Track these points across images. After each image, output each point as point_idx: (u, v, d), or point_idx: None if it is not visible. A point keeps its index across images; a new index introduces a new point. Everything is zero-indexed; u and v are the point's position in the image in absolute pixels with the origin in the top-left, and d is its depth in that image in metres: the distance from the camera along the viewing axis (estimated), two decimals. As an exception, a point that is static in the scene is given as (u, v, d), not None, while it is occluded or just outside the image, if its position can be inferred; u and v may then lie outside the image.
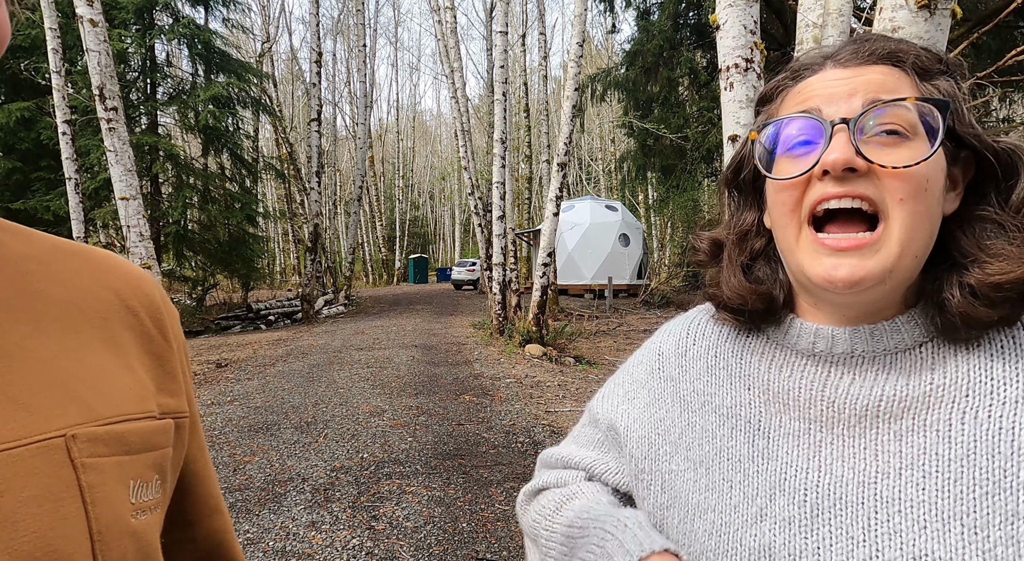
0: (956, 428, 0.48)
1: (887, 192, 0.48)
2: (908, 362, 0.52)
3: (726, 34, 2.69)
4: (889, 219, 0.49)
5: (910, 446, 0.49)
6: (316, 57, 15.85)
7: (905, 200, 0.48)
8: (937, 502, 0.46)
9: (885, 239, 0.49)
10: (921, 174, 0.48)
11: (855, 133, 0.49)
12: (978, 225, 0.51)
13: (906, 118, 0.49)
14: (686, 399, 0.64)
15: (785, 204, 0.54)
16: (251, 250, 15.77)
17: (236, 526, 3.20)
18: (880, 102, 0.49)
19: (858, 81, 0.51)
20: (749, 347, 0.62)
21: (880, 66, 0.51)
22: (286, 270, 36.61)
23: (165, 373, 0.50)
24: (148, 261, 8.09)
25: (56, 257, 0.47)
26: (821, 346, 0.56)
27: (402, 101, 58.49)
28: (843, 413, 0.53)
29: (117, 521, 0.41)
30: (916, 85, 0.51)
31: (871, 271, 0.49)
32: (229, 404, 5.95)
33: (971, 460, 0.46)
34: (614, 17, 15.43)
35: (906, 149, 0.48)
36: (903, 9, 1.68)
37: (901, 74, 0.51)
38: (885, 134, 0.49)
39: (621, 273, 19.25)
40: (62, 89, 9.35)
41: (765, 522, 0.52)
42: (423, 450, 4.43)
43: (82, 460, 0.40)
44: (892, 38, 0.53)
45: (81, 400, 0.42)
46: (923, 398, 0.50)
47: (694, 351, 0.66)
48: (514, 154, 24.34)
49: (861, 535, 0.48)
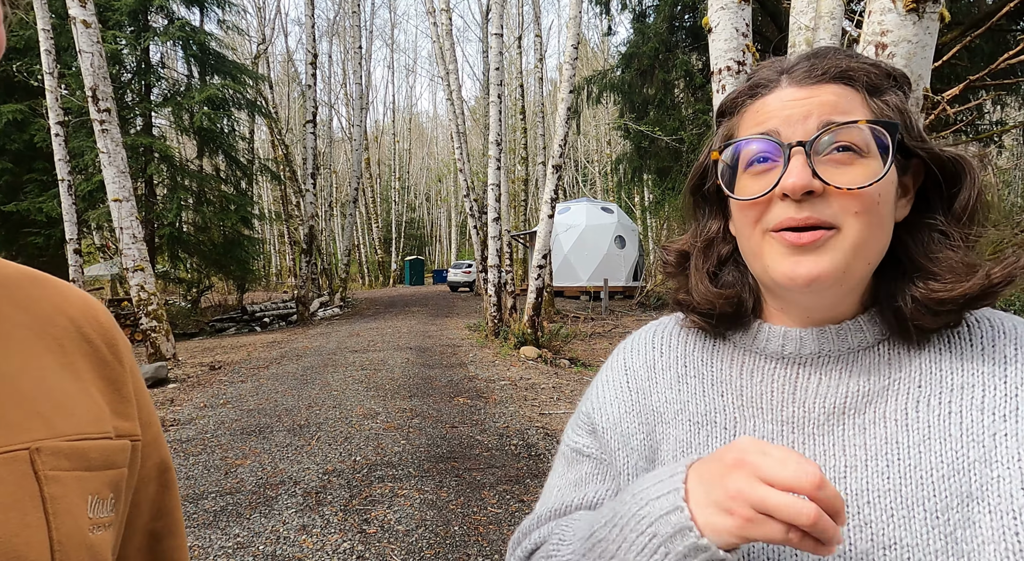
0: (912, 416, 0.52)
1: (841, 207, 0.51)
2: (869, 359, 0.56)
3: (718, 37, 2.69)
4: (843, 228, 0.51)
5: (873, 437, 0.52)
6: (312, 59, 15.83)
7: (859, 214, 0.51)
8: (901, 489, 0.49)
9: (838, 243, 0.52)
10: (873, 191, 0.51)
11: (811, 155, 0.52)
12: (925, 233, 0.55)
13: (859, 137, 0.51)
14: (659, 411, 0.64)
15: (749, 218, 0.56)
16: (246, 252, 15.72)
17: (226, 530, 3.18)
18: (834, 125, 0.51)
19: (812, 102, 0.53)
20: (718, 354, 0.64)
21: (833, 85, 0.54)
22: (281, 272, 36.55)
23: (120, 397, 0.51)
24: (141, 263, 8.06)
25: (18, 283, 0.48)
26: (790, 348, 0.58)
27: (398, 103, 58.52)
28: (812, 413, 0.55)
29: (76, 532, 0.42)
30: (867, 102, 0.53)
31: (826, 268, 0.51)
32: (222, 406, 5.92)
33: (927, 445, 0.50)
34: (610, 19, 15.45)
35: (860, 167, 0.51)
36: (891, 12, 1.68)
37: (853, 93, 0.54)
38: (839, 151, 0.51)
39: (617, 275, 19.26)
40: (55, 90, 9.32)
41: None
42: (416, 453, 4.42)
43: (45, 472, 0.41)
44: (845, 53, 0.56)
45: (44, 416, 0.43)
46: (882, 392, 0.54)
47: (662, 362, 0.67)
48: (510, 156, 24.35)
49: None
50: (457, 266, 27.08)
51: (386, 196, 41.29)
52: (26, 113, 12.23)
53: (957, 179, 0.54)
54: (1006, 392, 0.49)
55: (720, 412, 0.60)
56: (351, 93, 24.62)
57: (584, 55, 29.92)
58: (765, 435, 0.57)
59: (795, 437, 0.55)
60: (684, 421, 0.62)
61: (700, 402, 0.62)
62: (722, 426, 0.59)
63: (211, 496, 3.65)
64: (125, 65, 13.56)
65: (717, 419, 0.60)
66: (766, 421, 0.57)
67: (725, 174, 0.58)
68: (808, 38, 3.03)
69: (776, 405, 0.57)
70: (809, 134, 0.52)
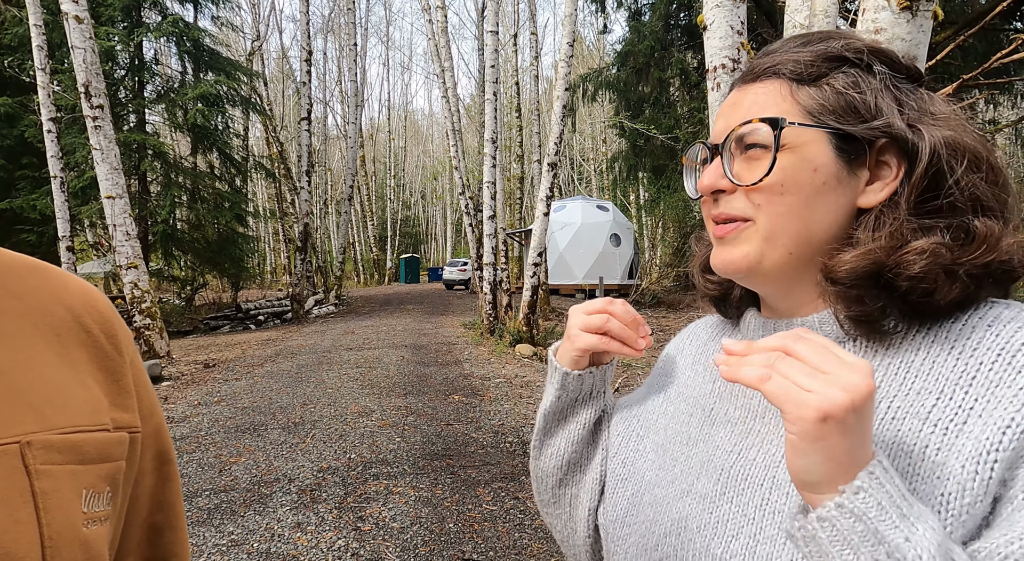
0: None
1: (749, 201, 0.55)
2: None
3: (713, 35, 2.70)
4: (756, 220, 0.55)
5: None
6: (306, 56, 15.77)
7: (762, 206, 0.54)
8: None
9: (750, 234, 0.55)
10: (773, 183, 0.53)
11: (727, 155, 0.57)
12: (875, 213, 0.53)
13: (760, 135, 0.54)
14: (668, 390, 0.72)
15: (705, 213, 0.62)
16: (240, 250, 15.68)
17: (220, 527, 3.17)
18: (736, 126, 0.55)
19: (740, 105, 0.57)
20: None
21: (759, 84, 0.57)
22: (276, 270, 36.44)
23: (119, 389, 0.50)
24: (135, 260, 8.02)
25: (13, 273, 0.47)
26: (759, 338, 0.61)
27: (393, 100, 58.39)
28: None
29: (69, 528, 0.41)
30: (792, 93, 0.54)
31: (736, 258, 0.56)
32: (216, 404, 5.90)
33: None
34: (605, 17, 15.46)
35: (764, 161, 0.54)
36: (885, 10, 1.69)
37: (778, 86, 0.55)
38: (750, 148, 0.55)
39: (612, 273, 19.28)
40: (47, 86, 9.25)
41: (688, 497, 0.58)
42: (411, 450, 4.42)
43: (36, 466, 0.40)
44: (793, 42, 0.57)
45: (36, 409, 0.42)
46: None
47: (687, 350, 0.75)
48: (505, 154, 24.32)
49: (753, 513, 0.52)
50: (452, 264, 27.05)
51: (381, 194, 41.19)
52: (18, 109, 12.15)
53: (915, 155, 0.51)
54: (960, 404, 0.46)
55: (706, 396, 0.65)
56: (346, 90, 24.55)
57: (580, 53, 29.90)
58: (731, 420, 0.60)
59: (754, 425, 0.58)
60: (681, 400, 0.68)
61: (695, 386, 0.68)
62: (702, 407, 0.64)
63: (205, 494, 3.64)
64: (118, 61, 13.48)
65: (702, 402, 0.65)
66: (737, 408, 0.61)
67: (692, 173, 0.65)
68: (803, 36, 3.04)
69: (748, 393, 0.61)
70: (720, 138, 0.57)
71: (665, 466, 0.63)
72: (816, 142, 0.53)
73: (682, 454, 0.62)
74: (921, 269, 0.48)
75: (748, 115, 0.55)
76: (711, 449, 0.60)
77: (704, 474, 0.58)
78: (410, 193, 49.55)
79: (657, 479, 0.63)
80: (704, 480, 0.58)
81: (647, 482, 0.64)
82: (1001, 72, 8.32)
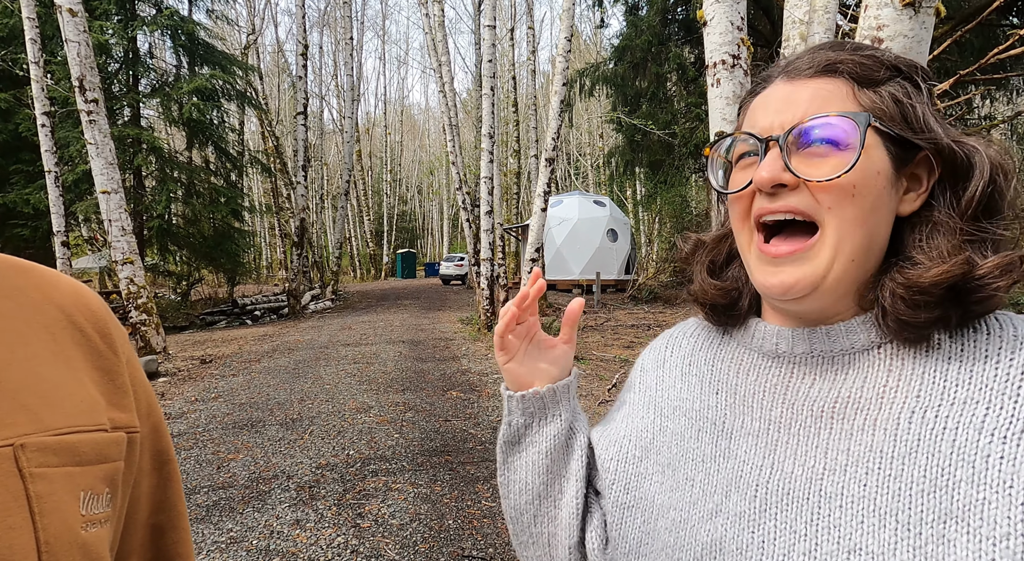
0: (903, 427, 0.49)
1: (819, 202, 0.52)
2: (865, 363, 0.54)
3: (713, 30, 2.69)
4: (824, 226, 0.52)
5: (858, 444, 0.51)
6: (302, 50, 15.68)
7: (833, 208, 0.51)
8: (876, 498, 0.48)
9: (820, 246, 0.52)
10: (846, 183, 0.51)
11: (785, 149, 0.53)
12: (925, 226, 0.53)
13: (834, 130, 0.51)
14: (659, 406, 0.67)
15: (737, 213, 0.58)
16: (236, 245, 15.61)
17: (219, 525, 3.17)
18: (805, 119, 0.52)
19: (796, 97, 0.54)
20: (721, 353, 0.66)
21: (819, 80, 0.54)
22: (272, 265, 36.32)
23: (115, 388, 0.49)
24: (130, 256, 7.98)
25: (2, 273, 0.47)
26: (784, 347, 0.58)
27: (390, 95, 58.13)
28: (800, 415, 0.55)
29: (66, 532, 0.40)
30: (854, 94, 0.53)
31: (801, 278, 0.53)
32: (213, 401, 5.89)
33: (912, 459, 0.48)
34: (603, 12, 15.39)
35: (836, 159, 0.51)
36: (888, 7, 1.68)
37: (840, 85, 0.54)
38: (819, 144, 0.52)
39: (609, 268, 19.29)
40: (41, 80, 9.17)
41: (719, 517, 0.55)
42: (409, 447, 4.42)
43: (31, 470, 0.39)
44: (845, 45, 0.55)
45: (31, 410, 0.41)
46: (876, 399, 0.52)
47: (671, 362, 0.70)
48: (502, 149, 24.27)
49: (803, 529, 0.50)
50: (449, 259, 27.03)
51: (378, 189, 41.08)
52: (11, 103, 12.04)
53: (965, 171, 0.52)
54: (1013, 412, 0.46)
55: (713, 408, 0.62)
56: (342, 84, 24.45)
57: (577, 48, 29.81)
58: (752, 432, 0.58)
59: (780, 436, 0.55)
60: (680, 416, 0.64)
61: (696, 399, 0.64)
62: (711, 421, 0.61)
63: (203, 491, 3.63)
64: (112, 55, 13.37)
65: (708, 415, 0.62)
66: (755, 419, 0.58)
67: (719, 169, 0.60)
68: (802, 32, 3.03)
69: (767, 404, 0.58)
70: (784, 128, 0.53)
71: (678, 487, 0.60)
72: (878, 147, 0.52)
73: (699, 473, 0.59)
74: (1004, 283, 0.49)
75: (813, 109, 0.53)
76: (738, 465, 0.57)
77: (735, 491, 0.55)
78: (407, 188, 49.43)
79: (671, 502, 0.60)
80: (736, 498, 0.55)
81: (659, 506, 0.61)
82: (997, 68, 8.33)
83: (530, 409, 0.68)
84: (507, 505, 0.72)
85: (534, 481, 0.68)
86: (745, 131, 0.56)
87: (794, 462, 0.53)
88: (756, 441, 0.57)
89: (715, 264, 0.67)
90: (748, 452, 0.57)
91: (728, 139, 0.59)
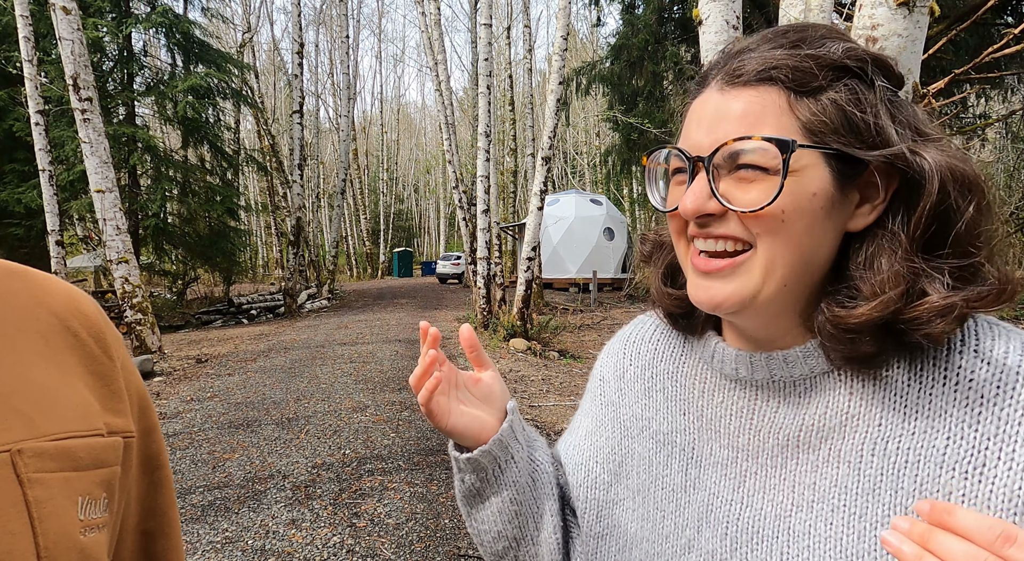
0: (866, 460, 0.48)
1: (748, 228, 0.49)
2: (826, 386, 0.52)
3: (708, 29, 2.68)
4: (756, 246, 0.49)
5: (823, 478, 0.50)
6: (298, 48, 15.63)
7: (762, 234, 0.48)
8: (843, 538, 0.48)
9: (751, 264, 0.49)
10: (774, 210, 0.47)
11: (712, 172, 0.49)
12: (870, 245, 0.49)
13: (758, 154, 0.47)
14: (625, 424, 0.65)
15: (674, 228, 0.55)
16: (232, 244, 15.58)
17: (215, 525, 3.16)
18: (730, 140, 0.48)
19: (725, 111, 0.49)
20: (683, 368, 0.63)
21: (751, 89, 0.49)
22: (268, 264, 36.27)
23: (110, 392, 0.49)
24: (125, 255, 7.95)
25: None
26: (743, 372, 0.56)
27: (386, 93, 58.02)
28: (767, 443, 0.54)
29: (65, 537, 0.40)
30: (790, 106, 0.48)
31: (730, 295, 0.50)
32: (209, 400, 5.87)
33: (876, 496, 0.47)
34: (599, 10, 15.38)
35: (764, 183, 0.47)
36: (882, 6, 1.68)
37: (774, 95, 0.48)
38: (748, 168, 0.48)
39: (606, 267, 19.32)
40: (35, 79, 9.12)
41: (692, 553, 0.54)
42: (406, 446, 4.41)
43: (28, 475, 0.39)
44: (785, 42, 0.50)
45: (26, 416, 0.41)
46: (839, 427, 0.50)
47: (631, 372, 0.67)
48: (499, 147, 24.25)
49: None
50: (446, 258, 27.00)
51: (374, 187, 41.03)
52: (5, 101, 11.98)
53: (918, 184, 0.47)
54: (974, 444, 0.44)
55: (681, 432, 0.60)
56: (338, 83, 24.38)
57: (573, 46, 29.82)
58: (720, 461, 0.56)
59: (748, 466, 0.54)
60: (647, 438, 0.62)
61: (664, 421, 0.62)
62: (680, 447, 0.59)
63: (199, 491, 3.62)
64: (107, 53, 13.31)
65: (677, 439, 0.60)
66: (723, 446, 0.56)
67: (659, 180, 0.57)
68: (798, 31, 3.03)
69: (733, 431, 0.56)
70: (709, 149, 0.49)
71: (650, 517, 0.59)
72: (816, 165, 0.47)
73: (670, 503, 0.58)
74: (939, 328, 0.45)
75: (742, 128, 0.48)
76: (707, 498, 0.56)
77: (706, 527, 0.55)
78: (403, 186, 49.38)
79: (644, 533, 0.59)
80: (707, 534, 0.55)
81: (632, 536, 0.60)
82: (992, 66, 8.35)
83: (481, 464, 0.62)
84: (484, 552, 0.68)
85: (506, 528, 0.64)
86: (677, 146, 0.52)
87: (763, 497, 0.53)
88: (726, 471, 0.56)
89: (672, 269, 0.63)
90: (718, 484, 0.56)
91: (664, 150, 0.54)
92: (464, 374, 0.66)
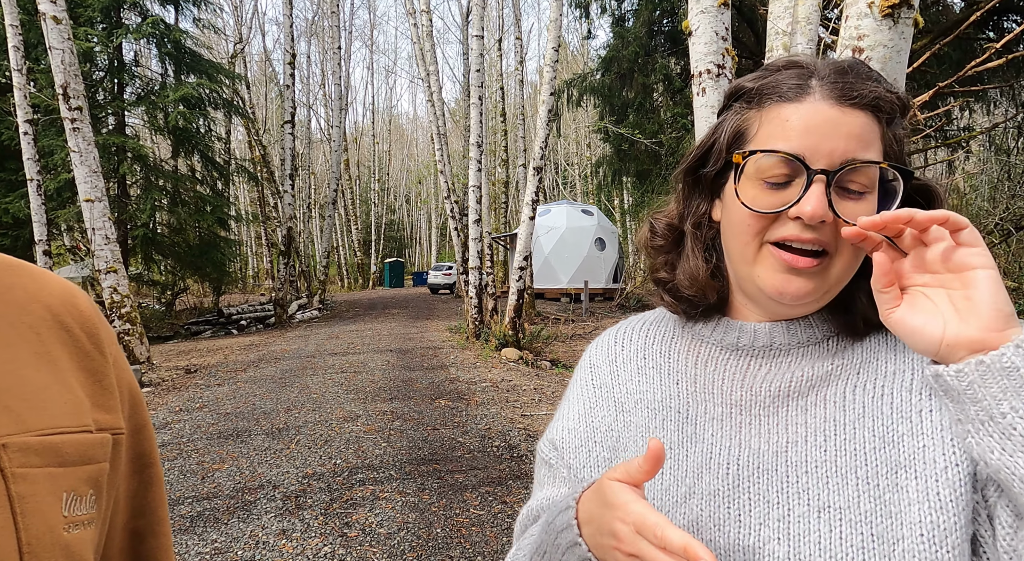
0: (849, 398, 0.57)
1: (836, 236, 0.55)
2: (816, 352, 0.60)
3: (698, 40, 2.72)
4: (836, 255, 0.56)
5: (814, 417, 0.57)
6: (290, 59, 15.67)
7: (844, 243, 0.55)
8: (836, 460, 0.54)
9: (830, 268, 0.56)
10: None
11: (831, 186, 0.53)
12: None
13: (870, 177, 0.54)
14: (620, 401, 0.68)
15: (751, 227, 0.57)
16: (222, 254, 15.48)
17: (203, 536, 3.12)
18: (858, 162, 0.53)
19: (841, 129, 0.54)
20: (675, 346, 0.68)
21: (862, 114, 0.54)
22: (259, 274, 36.05)
23: (101, 389, 0.49)
24: (114, 265, 7.88)
25: None
26: (745, 341, 0.63)
27: (378, 104, 58.18)
28: (759, 396, 0.60)
29: (48, 533, 0.40)
30: (883, 136, 0.55)
31: (813, 290, 0.56)
32: (198, 410, 5.81)
33: (862, 422, 0.55)
34: (590, 23, 15.55)
35: (865, 203, 0.54)
36: (868, 17, 1.72)
37: (876, 124, 0.55)
38: (859, 187, 0.54)
39: (597, 277, 19.36)
40: (24, 88, 9.07)
41: (693, 499, 0.58)
42: (397, 455, 4.38)
43: (12, 470, 0.39)
44: (873, 74, 0.57)
45: (12, 411, 0.41)
46: (825, 377, 0.59)
47: (623, 356, 0.71)
48: (490, 158, 24.33)
49: (776, 498, 0.54)
50: (437, 268, 26.97)
51: (365, 198, 40.96)
52: (-5, 111, 11.89)
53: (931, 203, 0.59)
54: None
55: (675, 398, 0.64)
56: (330, 94, 24.42)
57: (564, 58, 30.04)
58: (715, 417, 0.61)
59: (742, 418, 0.60)
60: (643, 409, 0.65)
61: (657, 390, 0.66)
62: (675, 410, 0.63)
63: (188, 501, 3.58)
64: (97, 63, 13.27)
65: (672, 404, 0.64)
66: (716, 404, 0.61)
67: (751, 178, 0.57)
68: (785, 43, 3.08)
69: (727, 390, 0.62)
70: (833, 165, 0.53)
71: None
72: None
73: (668, 461, 0.60)
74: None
75: (858, 147, 0.53)
76: (706, 448, 0.59)
77: (706, 473, 0.58)
78: (395, 197, 49.32)
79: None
80: (708, 478, 0.58)
81: None
82: (975, 80, 8.51)
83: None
84: None
85: None
86: (792, 154, 0.53)
87: (759, 439, 0.58)
88: (721, 424, 0.60)
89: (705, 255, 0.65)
90: (715, 435, 0.60)
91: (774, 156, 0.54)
92: None
